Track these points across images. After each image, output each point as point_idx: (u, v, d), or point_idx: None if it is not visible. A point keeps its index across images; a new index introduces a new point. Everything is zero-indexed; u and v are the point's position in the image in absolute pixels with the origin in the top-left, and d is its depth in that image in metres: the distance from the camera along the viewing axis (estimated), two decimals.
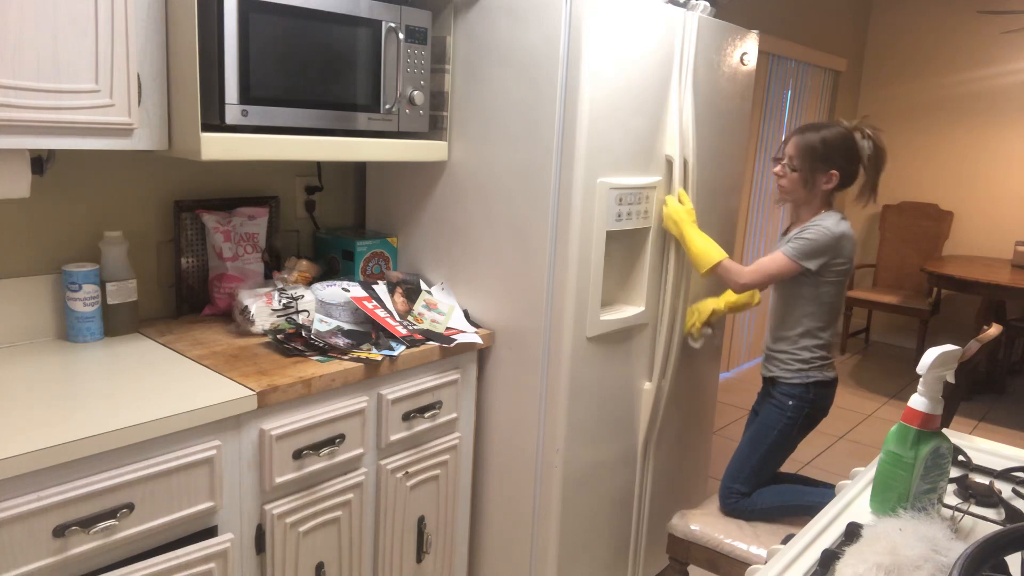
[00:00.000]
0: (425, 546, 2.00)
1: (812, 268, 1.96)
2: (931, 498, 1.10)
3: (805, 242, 1.96)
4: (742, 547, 1.94)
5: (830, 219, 1.98)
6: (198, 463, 1.44)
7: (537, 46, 1.86)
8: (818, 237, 1.95)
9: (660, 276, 2.18)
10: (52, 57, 1.39)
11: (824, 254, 1.96)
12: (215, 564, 1.48)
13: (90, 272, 1.75)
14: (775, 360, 2.10)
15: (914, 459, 1.07)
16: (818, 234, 1.95)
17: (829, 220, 1.98)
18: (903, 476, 1.09)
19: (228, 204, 2.06)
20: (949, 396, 1.90)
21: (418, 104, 1.97)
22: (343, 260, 2.19)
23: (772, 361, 2.12)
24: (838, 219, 1.99)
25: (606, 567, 2.28)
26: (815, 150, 1.98)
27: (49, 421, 1.31)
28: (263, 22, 1.63)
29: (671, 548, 2.06)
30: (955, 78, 5.38)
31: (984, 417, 4.33)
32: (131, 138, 1.55)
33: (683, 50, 2.07)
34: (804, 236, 1.97)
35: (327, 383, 1.65)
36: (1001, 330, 2.07)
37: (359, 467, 1.79)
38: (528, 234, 1.95)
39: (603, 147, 1.90)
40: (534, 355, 1.99)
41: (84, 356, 1.67)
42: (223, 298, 2.00)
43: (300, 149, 1.75)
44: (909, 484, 1.09)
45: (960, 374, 1.87)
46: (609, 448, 2.16)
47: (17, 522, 1.21)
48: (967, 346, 1.93)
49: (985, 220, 5.36)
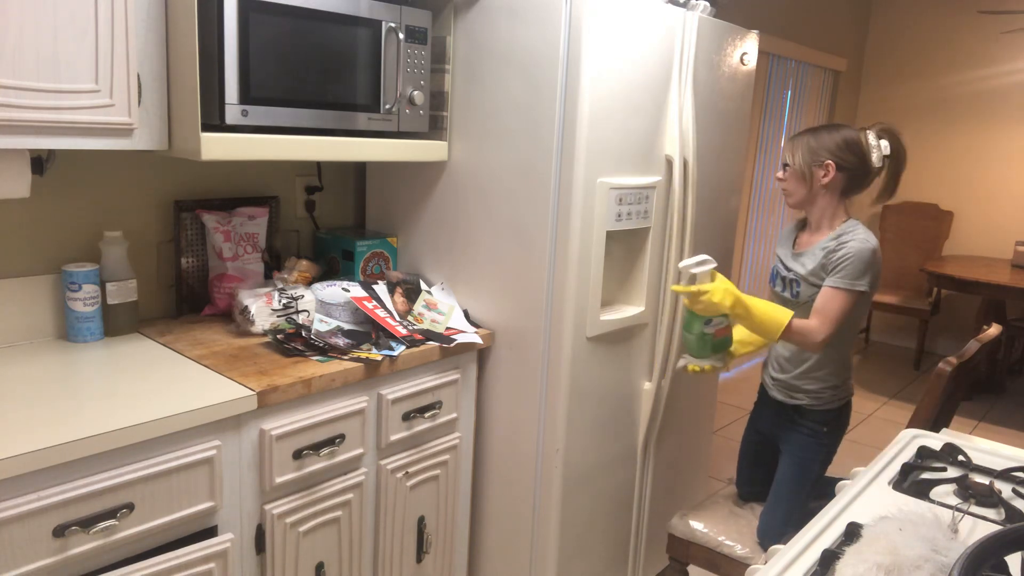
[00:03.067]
0: (425, 546, 2.00)
1: (866, 289, 1.81)
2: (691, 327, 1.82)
3: (848, 264, 1.81)
4: (742, 547, 1.94)
5: (859, 231, 1.85)
6: (198, 463, 1.44)
7: (537, 46, 1.86)
8: (858, 254, 1.81)
9: (660, 276, 2.18)
10: (52, 57, 1.39)
11: (870, 268, 1.82)
12: (215, 564, 1.49)
13: (90, 272, 1.75)
14: (801, 391, 1.95)
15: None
16: (855, 250, 1.81)
17: (859, 233, 1.85)
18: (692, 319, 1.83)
19: (228, 204, 2.06)
20: (949, 396, 1.90)
21: (418, 104, 1.97)
22: (343, 260, 2.19)
23: (797, 391, 1.96)
24: (865, 229, 1.87)
25: (606, 567, 2.28)
26: (807, 143, 1.91)
27: (49, 421, 1.31)
28: (263, 22, 1.63)
29: (671, 548, 2.06)
30: (955, 78, 5.38)
31: (984, 417, 4.33)
32: (131, 138, 1.55)
33: (683, 50, 2.07)
34: (843, 260, 1.81)
35: (327, 383, 1.65)
36: (1001, 330, 2.07)
37: (359, 467, 1.79)
38: (528, 234, 1.95)
39: (603, 147, 1.90)
40: (534, 355, 1.99)
41: (84, 356, 1.67)
42: (223, 298, 2.00)
43: (300, 149, 1.75)
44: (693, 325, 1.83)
45: (960, 374, 1.88)
46: (609, 448, 2.16)
47: (17, 522, 1.21)
48: (967, 346, 1.93)
49: (985, 220, 5.36)
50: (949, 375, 1.79)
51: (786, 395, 1.99)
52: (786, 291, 1.98)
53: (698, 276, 1.77)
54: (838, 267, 1.82)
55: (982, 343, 1.93)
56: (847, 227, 1.87)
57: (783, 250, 2.02)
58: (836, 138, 1.88)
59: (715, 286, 1.75)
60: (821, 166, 1.88)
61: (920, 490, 1.33)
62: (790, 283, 1.95)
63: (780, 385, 2.00)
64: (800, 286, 1.92)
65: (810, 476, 1.96)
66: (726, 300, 1.75)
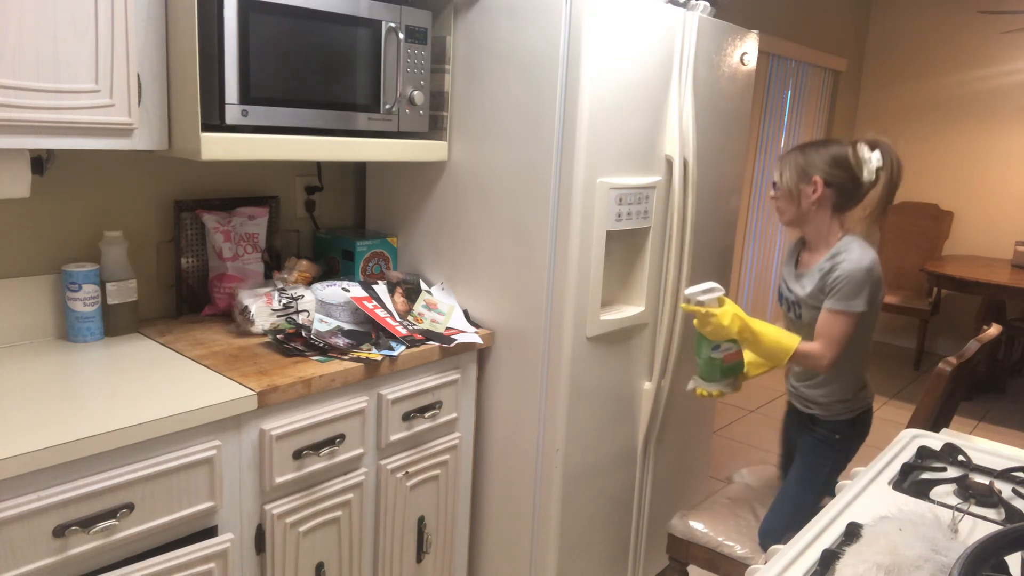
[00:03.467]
0: (425, 546, 2.00)
1: (863, 308, 1.81)
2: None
3: (843, 286, 1.80)
4: (742, 547, 1.94)
5: (854, 249, 1.83)
6: (198, 463, 1.44)
7: (537, 46, 1.86)
8: (851, 275, 1.80)
9: (660, 276, 2.18)
10: (52, 57, 1.39)
11: (865, 287, 1.80)
12: (215, 564, 1.49)
13: (90, 272, 1.75)
14: (814, 402, 1.97)
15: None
16: (847, 272, 1.80)
17: (854, 251, 1.83)
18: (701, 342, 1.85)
19: (228, 204, 2.06)
20: (949, 396, 1.90)
21: (418, 104, 1.97)
22: (343, 260, 2.19)
23: (810, 401, 1.98)
24: (860, 246, 1.84)
25: (606, 567, 2.28)
26: (795, 160, 1.89)
27: (49, 421, 1.31)
28: (263, 22, 1.63)
29: (671, 548, 2.06)
30: (955, 78, 5.38)
31: (984, 417, 4.33)
32: (131, 138, 1.55)
33: (683, 50, 2.07)
34: (838, 283, 1.81)
35: (327, 383, 1.65)
36: (1001, 330, 2.07)
37: (359, 467, 1.79)
38: (528, 234, 1.95)
39: (603, 147, 1.90)
40: (534, 355, 1.99)
41: (84, 356, 1.67)
42: (223, 298, 2.00)
43: (300, 149, 1.75)
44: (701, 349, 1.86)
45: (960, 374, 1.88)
46: (609, 448, 2.16)
47: (17, 522, 1.21)
48: (967, 346, 1.93)
49: (985, 220, 5.35)
50: (949, 375, 1.79)
51: (801, 404, 2.02)
52: (790, 312, 1.98)
53: (706, 302, 1.78)
54: (834, 289, 1.82)
55: (982, 343, 1.93)
56: (842, 245, 1.86)
57: (787, 269, 2.02)
58: (824, 154, 1.87)
59: (723, 310, 1.77)
60: (809, 183, 1.86)
61: (920, 490, 1.33)
62: (793, 305, 1.96)
63: (795, 394, 2.04)
64: (801, 308, 1.92)
65: (818, 479, 1.96)
66: (734, 325, 1.76)
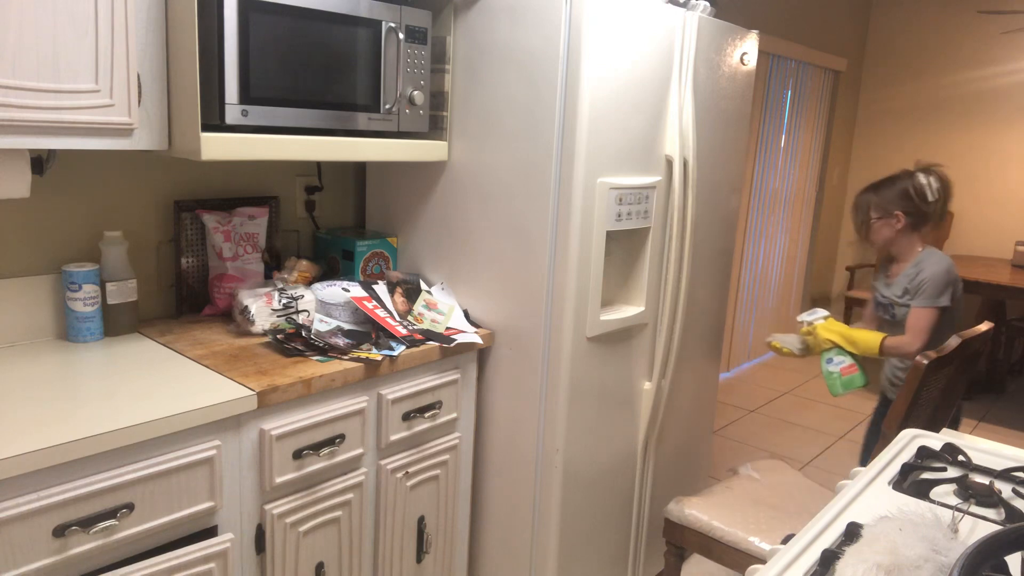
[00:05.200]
0: (425, 546, 2.00)
1: (947, 304, 2.26)
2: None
3: (929, 286, 2.26)
4: (734, 534, 1.94)
5: (934, 257, 2.31)
6: (198, 463, 1.44)
7: (537, 46, 1.86)
8: (934, 277, 2.26)
9: (660, 276, 2.18)
10: (52, 57, 1.39)
11: (946, 287, 2.26)
12: (215, 564, 1.49)
13: (90, 272, 1.75)
14: None
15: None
16: (931, 274, 2.27)
17: (934, 258, 2.30)
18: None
19: (228, 204, 2.06)
20: (945, 393, 1.91)
21: (418, 104, 1.97)
22: (343, 260, 2.19)
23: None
24: (938, 254, 2.31)
25: (606, 567, 2.28)
26: (877, 203, 2.37)
27: (49, 421, 1.31)
28: (263, 22, 1.63)
29: (667, 532, 2.07)
30: (955, 78, 5.38)
31: (984, 417, 4.33)
32: (131, 138, 1.55)
33: (683, 50, 2.07)
34: (924, 284, 2.27)
35: (327, 383, 1.65)
36: (991, 326, 2.10)
37: (359, 467, 1.79)
38: (528, 234, 1.95)
39: (603, 147, 1.90)
40: (534, 355, 1.99)
41: (84, 356, 1.67)
42: (223, 298, 2.00)
43: (300, 149, 1.75)
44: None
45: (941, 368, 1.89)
46: (609, 448, 2.16)
47: (17, 522, 1.21)
48: (947, 341, 1.95)
49: (985, 220, 5.35)
50: (925, 368, 1.81)
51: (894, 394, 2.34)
52: (885, 314, 2.42)
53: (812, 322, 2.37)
54: (920, 290, 2.28)
55: (963, 339, 1.95)
56: (923, 256, 2.34)
57: (878, 282, 2.47)
58: (895, 191, 2.35)
59: (821, 325, 2.36)
60: (892, 216, 2.34)
61: (920, 490, 1.33)
62: (887, 307, 2.40)
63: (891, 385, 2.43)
64: (895, 308, 2.36)
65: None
66: (828, 334, 2.34)
